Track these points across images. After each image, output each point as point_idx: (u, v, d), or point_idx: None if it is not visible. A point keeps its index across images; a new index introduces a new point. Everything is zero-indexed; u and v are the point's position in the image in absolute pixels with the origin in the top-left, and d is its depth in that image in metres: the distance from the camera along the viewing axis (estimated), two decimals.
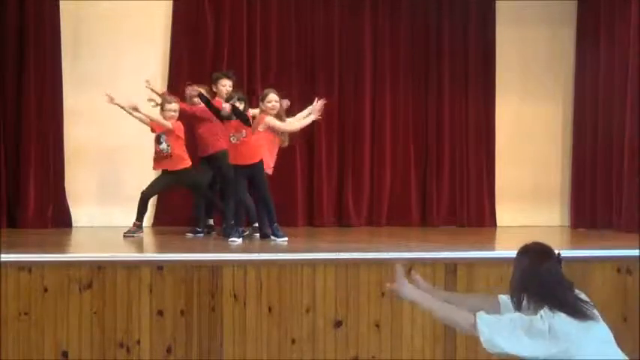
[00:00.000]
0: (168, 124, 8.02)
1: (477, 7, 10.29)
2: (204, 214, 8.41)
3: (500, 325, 3.65)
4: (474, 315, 3.69)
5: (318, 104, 8.04)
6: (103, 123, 9.45)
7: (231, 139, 7.65)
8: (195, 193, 8.41)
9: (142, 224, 8.09)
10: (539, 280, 3.71)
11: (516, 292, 3.79)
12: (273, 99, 7.86)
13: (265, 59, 9.77)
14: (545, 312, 3.63)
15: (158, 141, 8.12)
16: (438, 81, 10.24)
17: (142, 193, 8.13)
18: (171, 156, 8.07)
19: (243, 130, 7.60)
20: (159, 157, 8.14)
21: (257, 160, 7.66)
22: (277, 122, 7.85)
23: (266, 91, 8.01)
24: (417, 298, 3.87)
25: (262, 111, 7.87)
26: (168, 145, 8.06)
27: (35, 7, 9.17)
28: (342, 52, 9.99)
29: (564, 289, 3.72)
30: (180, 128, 8.12)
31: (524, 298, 3.73)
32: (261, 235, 7.84)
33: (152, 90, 8.43)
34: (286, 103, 8.09)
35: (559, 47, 10.45)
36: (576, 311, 3.64)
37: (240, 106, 7.67)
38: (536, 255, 3.80)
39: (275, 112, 7.85)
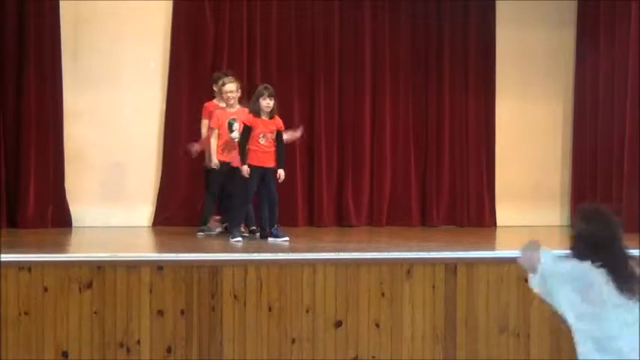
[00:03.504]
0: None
1: (476, 7, 10.28)
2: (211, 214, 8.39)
3: (560, 261, 3.72)
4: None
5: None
6: (103, 123, 9.46)
7: (261, 140, 7.65)
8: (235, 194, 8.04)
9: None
10: (601, 244, 3.69)
11: (584, 258, 3.73)
12: (228, 89, 8.06)
13: (265, 59, 9.77)
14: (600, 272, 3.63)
15: (230, 128, 8.08)
16: (438, 81, 10.24)
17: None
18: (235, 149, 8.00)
19: (273, 134, 7.67)
20: (229, 147, 8.09)
21: (274, 162, 7.72)
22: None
23: (225, 79, 8.14)
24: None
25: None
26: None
27: (35, 7, 9.16)
28: (342, 52, 9.99)
29: (622, 256, 3.70)
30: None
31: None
32: (264, 235, 7.84)
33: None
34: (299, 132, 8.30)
35: (559, 47, 10.45)
36: (623, 283, 3.62)
37: (271, 102, 7.66)
38: (597, 220, 3.76)
39: (232, 102, 7.99)
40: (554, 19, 10.43)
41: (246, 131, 7.63)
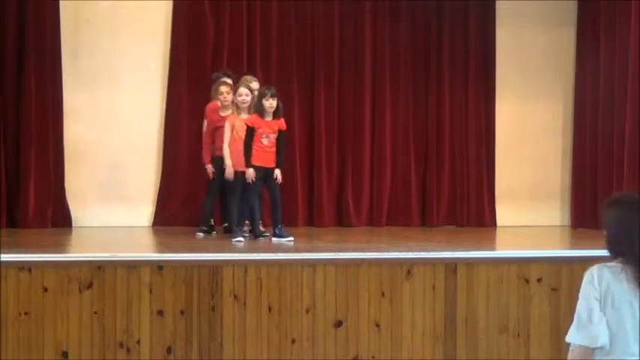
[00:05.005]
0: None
1: (476, 7, 10.29)
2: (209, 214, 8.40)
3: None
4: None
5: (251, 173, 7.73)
6: (103, 122, 9.47)
7: (264, 140, 7.61)
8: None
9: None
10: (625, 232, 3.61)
11: (615, 246, 3.65)
12: (243, 92, 7.84)
13: (265, 59, 9.78)
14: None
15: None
16: (438, 81, 10.24)
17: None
18: None
19: (275, 134, 7.63)
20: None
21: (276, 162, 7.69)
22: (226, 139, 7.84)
23: (240, 82, 8.00)
24: None
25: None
26: None
27: (35, 7, 9.17)
28: (342, 52, 10.00)
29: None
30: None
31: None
32: (256, 235, 7.83)
33: None
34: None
35: (559, 47, 10.44)
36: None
37: (274, 102, 7.62)
38: (629, 205, 3.68)
39: (246, 105, 7.83)
40: (554, 19, 10.43)
41: (250, 133, 7.60)
